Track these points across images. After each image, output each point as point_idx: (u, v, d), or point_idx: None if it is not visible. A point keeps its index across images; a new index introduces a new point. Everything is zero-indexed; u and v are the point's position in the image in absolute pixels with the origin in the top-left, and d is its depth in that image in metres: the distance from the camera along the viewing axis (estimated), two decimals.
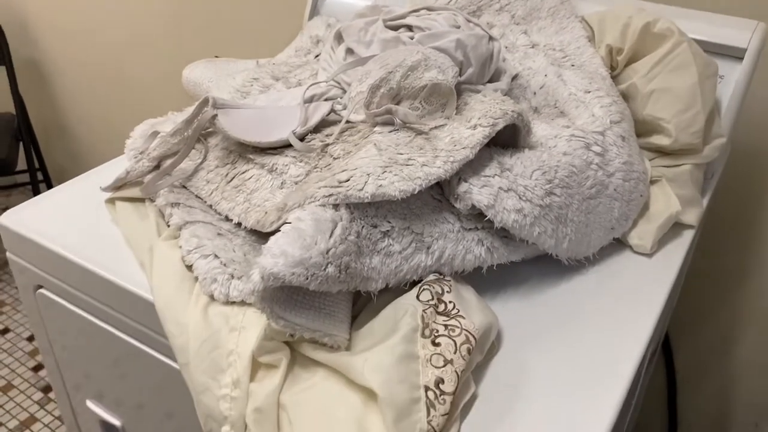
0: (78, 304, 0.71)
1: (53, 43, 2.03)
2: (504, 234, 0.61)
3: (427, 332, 0.52)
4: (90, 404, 0.80)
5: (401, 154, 0.57)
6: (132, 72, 1.85)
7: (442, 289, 0.56)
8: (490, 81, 0.74)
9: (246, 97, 0.80)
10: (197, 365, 0.56)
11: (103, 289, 0.66)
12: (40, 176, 2.19)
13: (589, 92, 0.73)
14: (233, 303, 0.57)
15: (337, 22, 0.92)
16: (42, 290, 0.74)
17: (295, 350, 0.55)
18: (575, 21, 0.84)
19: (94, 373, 0.78)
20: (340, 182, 0.54)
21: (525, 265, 0.66)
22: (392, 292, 0.57)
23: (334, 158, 0.62)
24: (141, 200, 0.71)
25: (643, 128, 0.76)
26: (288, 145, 0.65)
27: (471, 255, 0.59)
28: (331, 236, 0.51)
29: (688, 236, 0.72)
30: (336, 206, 0.54)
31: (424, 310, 0.54)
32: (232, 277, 0.58)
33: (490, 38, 0.72)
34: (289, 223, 0.52)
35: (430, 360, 0.50)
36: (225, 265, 0.58)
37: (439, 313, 0.54)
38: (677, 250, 0.70)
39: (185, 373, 0.58)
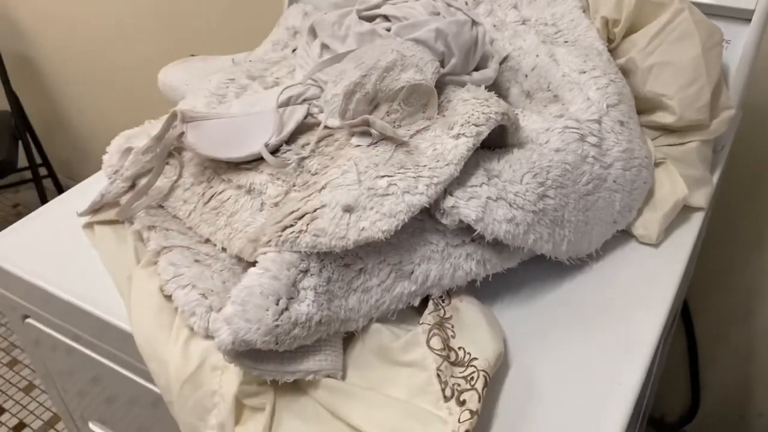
0: (64, 333, 0.69)
1: (44, 37, 1.98)
2: (497, 243, 0.57)
3: (448, 392, 0.49)
4: (93, 426, 0.79)
5: (382, 177, 0.53)
6: (124, 60, 1.81)
7: (447, 335, 0.53)
8: (477, 68, 0.69)
9: (222, 100, 0.76)
10: (182, 406, 0.54)
11: (85, 320, 0.64)
12: (44, 171, 2.17)
13: (584, 72, 0.67)
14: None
15: (314, 10, 0.86)
16: (29, 320, 0.72)
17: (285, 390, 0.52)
18: None
19: (91, 398, 0.76)
20: (321, 230, 0.50)
21: (524, 266, 0.62)
22: None
23: (312, 174, 0.58)
24: (121, 222, 0.68)
25: (644, 106, 0.71)
26: (263, 158, 0.61)
27: (461, 271, 0.55)
28: (299, 293, 0.49)
29: (697, 220, 0.68)
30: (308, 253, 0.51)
31: (438, 368, 0.50)
32: (211, 309, 0.55)
33: (474, 23, 0.66)
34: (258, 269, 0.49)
35: (459, 418, 0.47)
36: (204, 296, 0.55)
37: (454, 364, 0.51)
38: (686, 237, 0.66)
39: (172, 411, 0.55)
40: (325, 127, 0.61)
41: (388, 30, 0.65)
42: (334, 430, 0.49)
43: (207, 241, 0.62)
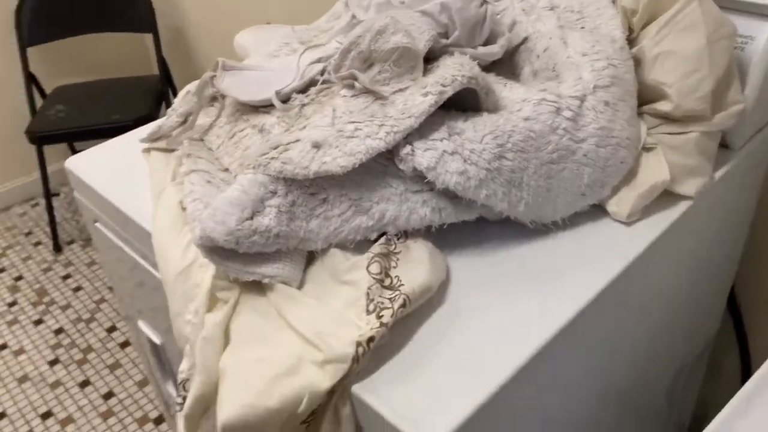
0: (121, 238, 0.84)
1: (194, 10, 2.24)
2: (455, 196, 0.63)
3: (371, 307, 0.56)
4: (140, 323, 0.94)
5: (352, 122, 0.61)
6: None
7: (389, 264, 0.60)
8: (487, 44, 0.74)
9: (274, 60, 0.88)
10: (173, 293, 0.66)
11: (135, 229, 0.78)
12: None
13: (586, 55, 0.71)
14: None
15: None
16: (97, 224, 0.88)
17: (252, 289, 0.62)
18: None
19: (139, 297, 0.91)
20: (289, 159, 0.59)
21: (496, 225, 0.67)
22: None
23: (306, 118, 0.67)
24: (171, 150, 0.82)
25: (648, 94, 0.72)
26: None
27: (416, 215, 0.62)
28: (264, 209, 0.58)
29: (681, 208, 0.69)
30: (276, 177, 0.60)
31: (369, 287, 0.57)
32: None
33: (484, 2, 0.72)
34: (236, 185, 0.59)
35: (370, 327, 0.55)
36: (204, 210, 0.67)
37: (384, 287, 0.58)
38: (661, 221, 0.68)
39: (167, 297, 0.67)
40: (328, 81, 0.70)
41: (403, 2, 0.73)
42: (276, 324, 0.58)
43: (226, 170, 0.74)
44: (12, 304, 2.03)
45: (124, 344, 1.86)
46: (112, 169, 0.85)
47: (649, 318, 0.77)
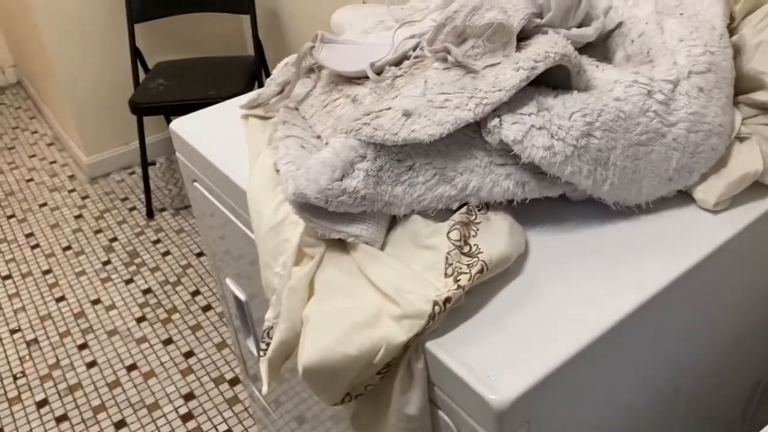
0: (217, 197, 0.90)
1: None
2: (539, 171, 0.64)
3: (449, 271, 0.59)
4: (228, 281, 1.00)
5: (443, 93, 0.63)
6: None
7: (469, 233, 0.62)
8: (581, 27, 0.75)
9: (370, 36, 0.91)
10: (264, 247, 0.70)
11: (231, 188, 0.83)
12: None
13: (683, 41, 0.70)
14: None
15: None
16: (195, 183, 0.94)
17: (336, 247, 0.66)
18: None
19: (228, 257, 0.97)
20: (380, 125, 0.62)
21: (578, 205, 0.68)
22: None
23: (398, 89, 0.70)
24: (267, 117, 0.86)
25: (746, 83, 0.71)
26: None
27: (499, 188, 0.64)
28: (353, 172, 0.61)
29: None
30: (367, 142, 0.63)
31: (448, 252, 0.60)
32: None
33: None
34: (329, 147, 0.63)
35: (448, 288, 0.57)
36: (297, 170, 0.71)
37: (463, 254, 0.60)
38: (750, 212, 0.66)
39: (258, 250, 0.72)
40: (421, 55, 0.72)
41: None
42: (358, 280, 0.61)
43: (319, 137, 0.77)
44: (106, 263, 2.17)
45: (206, 308, 1.96)
46: (212, 133, 0.90)
47: (726, 317, 0.75)
